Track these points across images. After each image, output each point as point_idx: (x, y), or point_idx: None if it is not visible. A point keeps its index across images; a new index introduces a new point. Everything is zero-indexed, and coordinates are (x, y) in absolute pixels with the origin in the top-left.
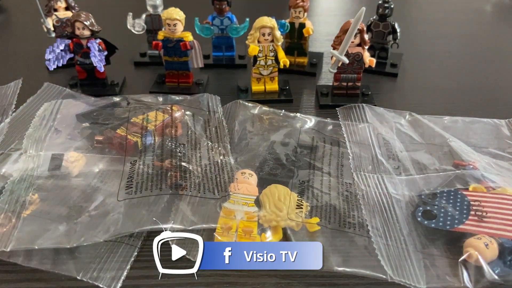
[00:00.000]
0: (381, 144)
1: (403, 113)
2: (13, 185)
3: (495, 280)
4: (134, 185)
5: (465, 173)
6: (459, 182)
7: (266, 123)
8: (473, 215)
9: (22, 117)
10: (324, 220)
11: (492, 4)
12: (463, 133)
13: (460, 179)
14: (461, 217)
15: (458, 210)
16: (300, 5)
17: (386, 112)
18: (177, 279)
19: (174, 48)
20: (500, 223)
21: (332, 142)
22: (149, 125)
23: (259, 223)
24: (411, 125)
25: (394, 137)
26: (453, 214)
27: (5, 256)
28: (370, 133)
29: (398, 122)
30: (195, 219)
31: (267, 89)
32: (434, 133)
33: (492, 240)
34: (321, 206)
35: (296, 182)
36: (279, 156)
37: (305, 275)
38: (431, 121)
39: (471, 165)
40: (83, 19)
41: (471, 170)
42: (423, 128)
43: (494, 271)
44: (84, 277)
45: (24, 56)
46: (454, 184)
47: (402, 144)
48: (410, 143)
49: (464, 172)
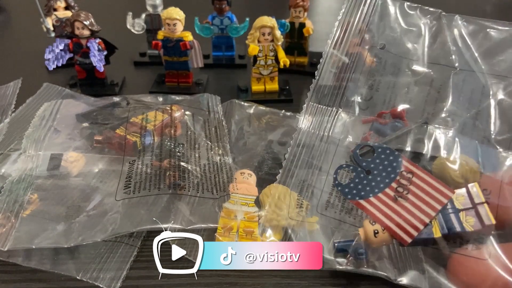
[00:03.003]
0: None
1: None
2: (12, 185)
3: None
4: (133, 185)
5: (432, 131)
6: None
7: (263, 123)
8: (392, 188)
9: (21, 117)
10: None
11: (492, 4)
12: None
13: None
14: (373, 188)
15: (380, 178)
16: (300, 5)
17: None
18: (177, 279)
19: (174, 48)
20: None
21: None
22: (149, 125)
23: (259, 223)
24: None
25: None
26: (369, 182)
27: (4, 256)
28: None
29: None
30: (194, 219)
31: (267, 89)
32: None
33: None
34: (321, 204)
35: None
36: (277, 156)
37: (305, 275)
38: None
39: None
40: (82, 18)
41: (439, 128)
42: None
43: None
44: (84, 277)
45: (23, 56)
46: (405, 141)
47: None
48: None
49: (431, 129)
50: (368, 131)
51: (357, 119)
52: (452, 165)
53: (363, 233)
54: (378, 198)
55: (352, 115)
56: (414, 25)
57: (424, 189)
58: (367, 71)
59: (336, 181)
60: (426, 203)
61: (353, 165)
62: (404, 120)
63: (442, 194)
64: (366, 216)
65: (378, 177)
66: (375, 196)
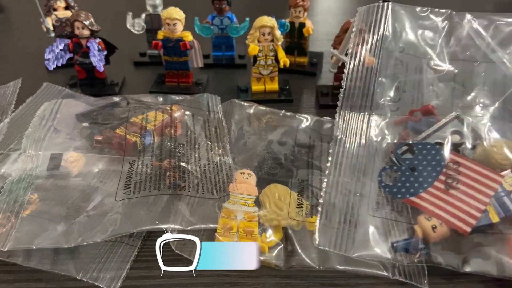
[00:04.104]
0: (390, 64)
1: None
2: (12, 185)
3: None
4: (133, 185)
5: (467, 121)
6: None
7: (263, 123)
8: (441, 180)
9: (21, 117)
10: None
11: (493, 3)
12: None
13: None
14: (421, 184)
15: (426, 173)
16: (300, 5)
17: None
18: (177, 279)
19: (174, 48)
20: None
21: (329, 141)
22: (149, 125)
23: (259, 222)
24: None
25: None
26: (416, 179)
27: (4, 256)
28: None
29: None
30: (194, 219)
31: (267, 89)
32: None
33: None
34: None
35: (295, 181)
36: (277, 156)
37: (305, 275)
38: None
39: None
40: (82, 18)
41: (473, 117)
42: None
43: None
44: (84, 277)
45: (23, 55)
46: (443, 134)
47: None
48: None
49: (465, 119)
50: (403, 131)
51: (390, 120)
52: (495, 149)
53: (420, 230)
54: (429, 192)
55: (384, 117)
56: (428, 26)
57: (473, 177)
58: (391, 75)
59: (382, 183)
60: (478, 191)
61: (396, 165)
62: (435, 115)
63: (491, 180)
64: (419, 212)
65: (424, 172)
66: (426, 191)
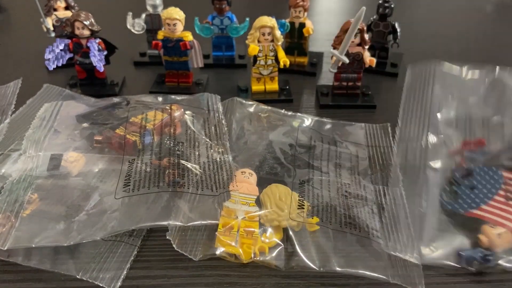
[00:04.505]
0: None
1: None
2: (12, 185)
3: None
4: (132, 183)
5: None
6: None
7: (264, 122)
8: (501, 195)
9: (21, 118)
10: (325, 220)
11: (493, 3)
12: None
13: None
14: (482, 199)
15: (485, 190)
16: (300, 5)
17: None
18: (177, 279)
19: (174, 48)
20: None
21: (330, 142)
22: (148, 124)
23: (260, 222)
24: None
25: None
26: (476, 196)
27: (5, 256)
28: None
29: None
30: (194, 216)
31: (267, 89)
32: None
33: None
34: (322, 206)
35: (296, 181)
36: (278, 155)
37: (305, 275)
38: None
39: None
40: (82, 18)
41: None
42: None
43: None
44: (84, 277)
45: (23, 56)
46: (500, 161)
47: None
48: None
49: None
50: (460, 158)
51: (444, 145)
52: None
53: (486, 238)
54: (490, 205)
55: (440, 140)
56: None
57: None
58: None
59: (444, 202)
60: None
61: (455, 185)
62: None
63: None
64: (480, 225)
65: (484, 189)
66: (487, 204)
